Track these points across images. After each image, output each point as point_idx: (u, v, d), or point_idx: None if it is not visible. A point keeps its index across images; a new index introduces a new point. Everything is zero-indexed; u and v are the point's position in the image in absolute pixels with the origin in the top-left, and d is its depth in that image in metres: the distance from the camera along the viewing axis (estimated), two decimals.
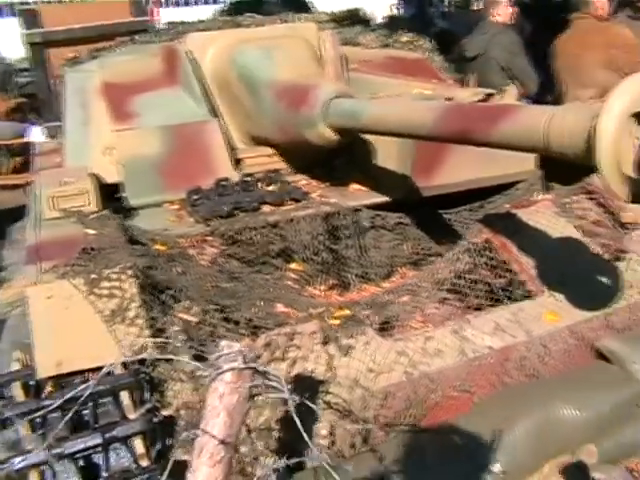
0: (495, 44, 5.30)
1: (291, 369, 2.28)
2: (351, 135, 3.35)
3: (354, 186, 3.73)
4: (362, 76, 4.21)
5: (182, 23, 5.03)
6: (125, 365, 2.25)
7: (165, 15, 13.24)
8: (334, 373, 2.30)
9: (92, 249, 2.70)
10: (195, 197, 3.51)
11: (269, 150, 3.94)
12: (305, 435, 1.67)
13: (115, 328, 2.34)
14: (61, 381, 2.24)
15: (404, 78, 4.23)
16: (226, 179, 3.59)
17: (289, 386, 2.19)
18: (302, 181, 3.83)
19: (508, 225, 2.91)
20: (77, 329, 2.34)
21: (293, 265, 3.28)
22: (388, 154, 3.61)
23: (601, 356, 2.64)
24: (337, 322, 2.69)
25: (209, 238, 3.24)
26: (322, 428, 2.22)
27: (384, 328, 2.72)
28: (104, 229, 3.04)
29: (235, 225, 3.29)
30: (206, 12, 10.57)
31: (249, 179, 3.61)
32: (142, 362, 2.27)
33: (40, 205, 3.32)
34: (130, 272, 2.52)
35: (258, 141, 3.99)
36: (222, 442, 1.58)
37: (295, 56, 3.79)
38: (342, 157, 3.82)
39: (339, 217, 3.45)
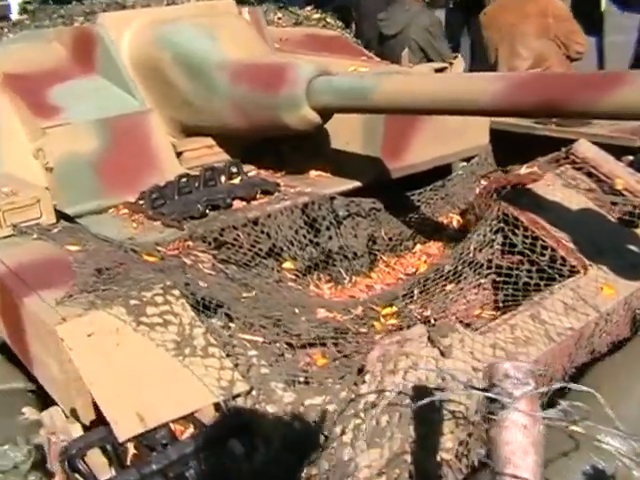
0: (415, 24, 5.09)
1: (405, 380, 1.94)
2: (330, 117, 3.00)
3: (313, 173, 3.38)
4: (287, 55, 3.83)
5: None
6: (219, 407, 1.79)
7: None
8: (446, 378, 1.99)
9: (106, 269, 2.16)
10: (154, 197, 2.98)
11: (209, 141, 3.47)
12: None
13: (189, 362, 1.86)
14: (143, 439, 1.73)
15: (331, 56, 3.91)
16: (187, 175, 3.09)
17: (407, 400, 1.89)
18: (251, 172, 3.42)
19: (530, 201, 2.72)
20: (141, 370, 1.84)
21: (287, 264, 2.88)
22: (352, 136, 3.31)
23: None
24: (394, 322, 2.37)
25: (190, 243, 2.76)
26: (447, 441, 1.91)
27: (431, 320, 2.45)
28: (81, 243, 2.48)
29: (212, 225, 2.83)
30: None
31: (210, 173, 3.13)
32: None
33: None
34: (176, 292, 2.03)
35: (191, 132, 3.50)
36: None
37: (240, 34, 3.35)
38: (289, 143, 3.45)
39: (315, 207, 3.09)
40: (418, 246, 3.37)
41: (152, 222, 2.91)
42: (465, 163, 3.75)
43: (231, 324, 2.10)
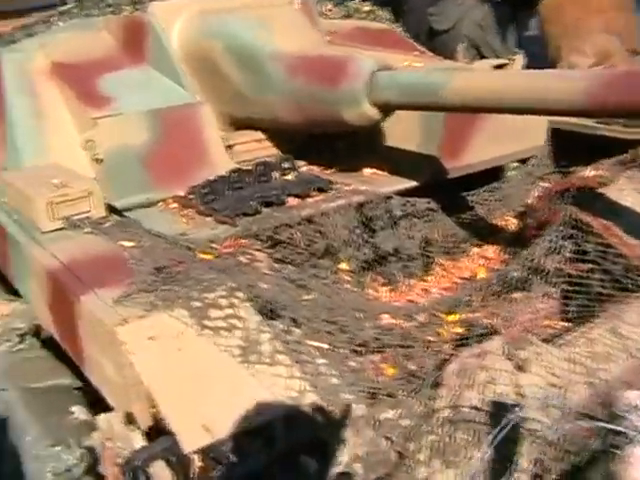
0: (468, 19, 4.91)
1: (482, 395, 1.82)
2: (390, 114, 2.87)
3: (367, 170, 3.26)
4: (343, 48, 3.70)
5: None
6: (289, 419, 1.68)
7: None
8: (523, 394, 1.87)
9: (164, 267, 2.06)
10: (205, 192, 2.88)
11: (259, 134, 3.36)
12: None
13: (256, 370, 1.75)
14: (210, 451, 1.62)
15: (383, 50, 3.78)
16: (239, 170, 2.99)
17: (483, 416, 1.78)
18: (303, 168, 3.30)
19: (601, 206, 2.58)
20: (206, 377, 1.74)
21: (343, 265, 2.77)
22: (409, 133, 3.17)
23: None
24: (459, 330, 2.25)
25: (244, 241, 2.65)
26: (523, 460, 1.78)
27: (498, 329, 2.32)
28: (135, 238, 2.38)
29: (267, 223, 2.72)
30: None
31: (262, 169, 3.02)
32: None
33: (29, 213, 2.59)
34: (241, 294, 1.92)
35: (240, 124, 3.39)
36: None
37: (294, 25, 3.23)
38: (343, 139, 3.33)
39: (371, 207, 2.96)
40: (474, 249, 3.23)
41: (203, 218, 2.81)
42: (517, 164, 3.62)
43: (295, 329, 1.98)
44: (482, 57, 4.86)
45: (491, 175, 3.45)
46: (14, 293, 3.07)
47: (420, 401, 1.77)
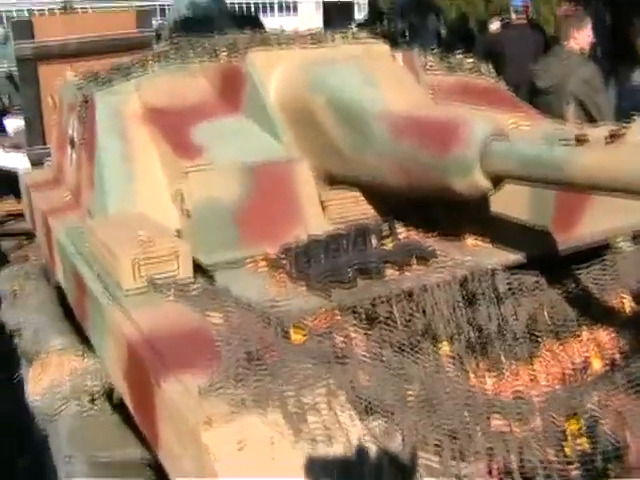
0: (575, 76, 4.61)
1: None
2: (501, 184, 2.60)
3: (470, 240, 2.97)
4: (451, 107, 3.45)
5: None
6: None
7: None
8: None
9: (255, 351, 1.82)
10: (298, 254, 2.65)
11: (356, 193, 3.13)
12: None
13: None
14: None
15: (487, 108, 3.50)
16: (336, 233, 2.75)
17: None
18: (400, 232, 3.04)
19: None
20: None
21: (444, 346, 2.49)
22: (518, 203, 2.89)
23: None
24: (584, 445, 1.93)
25: (339, 317, 2.41)
26: None
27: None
28: (227, 314, 2.16)
29: (364, 296, 2.47)
30: None
31: (360, 232, 2.78)
32: None
33: (113, 269, 2.41)
34: (342, 397, 1.67)
35: (335, 181, 3.16)
36: None
37: (399, 81, 3.00)
38: (447, 205, 3.05)
39: (476, 282, 2.68)
40: (585, 332, 2.90)
41: (295, 283, 2.58)
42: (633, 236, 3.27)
43: (398, 434, 1.71)
44: (589, 116, 4.54)
45: (603, 248, 3.13)
46: (86, 341, 2.91)
47: None
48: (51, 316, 3.74)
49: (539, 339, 2.82)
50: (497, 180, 2.56)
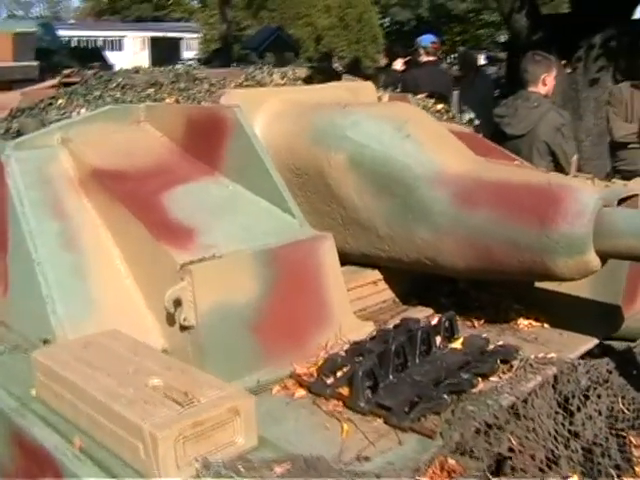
0: (546, 122, 4.19)
1: None
2: (606, 262, 2.03)
3: (522, 321, 2.38)
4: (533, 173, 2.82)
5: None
6: None
7: None
8: None
9: None
10: (362, 376, 1.88)
11: (376, 275, 2.41)
12: None
13: None
14: None
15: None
16: (384, 337, 2.02)
17: None
18: (419, 314, 2.38)
19: None
20: None
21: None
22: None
23: None
24: None
25: (451, 461, 1.71)
26: None
27: None
28: None
29: (469, 425, 1.79)
30: None
31: (418, 332, 2.06)
32: None
33: (128, 454, 1.48)
34: None
35: (349, 260, 2.42)
36: None
37: (439, 133, 2.33)
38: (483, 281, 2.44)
39: (564, 379, 2.09)
40: None
41: (363, 418, 1.82)
42: None
43: None
44: (555, 162, 4.20)
45: None
46: None
47: None
48: None
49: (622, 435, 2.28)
50: (607, 257, 2.00)
